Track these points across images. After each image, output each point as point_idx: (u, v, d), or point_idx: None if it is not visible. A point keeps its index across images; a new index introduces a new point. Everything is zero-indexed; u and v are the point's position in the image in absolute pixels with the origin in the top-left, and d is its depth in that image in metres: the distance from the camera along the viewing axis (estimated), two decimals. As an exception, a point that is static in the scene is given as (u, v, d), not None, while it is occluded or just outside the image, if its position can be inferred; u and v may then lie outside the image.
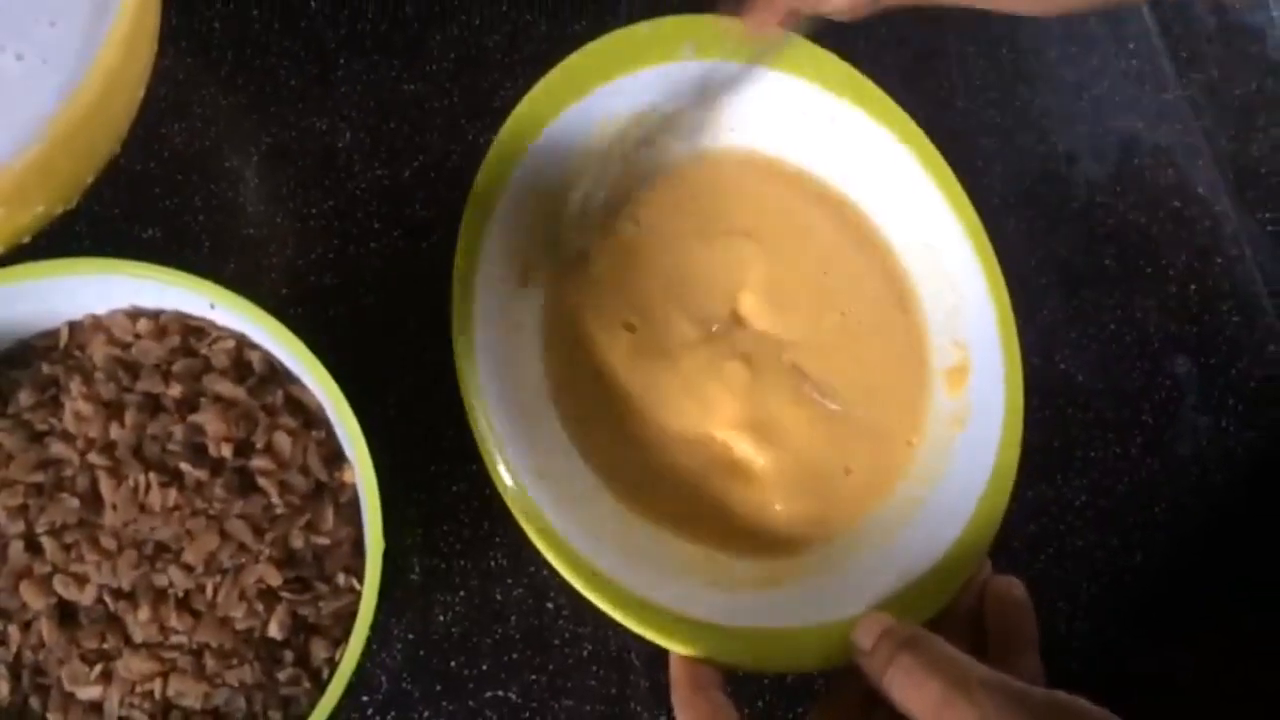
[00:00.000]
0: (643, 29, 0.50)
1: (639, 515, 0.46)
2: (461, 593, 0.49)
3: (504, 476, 0.42)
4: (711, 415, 0.49)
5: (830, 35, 0.53)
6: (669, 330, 0.50)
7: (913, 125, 0.53)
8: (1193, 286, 0.59)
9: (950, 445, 0.50)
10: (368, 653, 0.39)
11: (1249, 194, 0.62)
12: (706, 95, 0.51)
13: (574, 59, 0.49)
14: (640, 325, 0.49)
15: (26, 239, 0.41)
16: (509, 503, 0.42)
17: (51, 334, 0.43)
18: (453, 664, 0.48)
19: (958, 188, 0.52)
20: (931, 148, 0.52)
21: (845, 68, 0.53)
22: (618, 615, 0.41)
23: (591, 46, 0.49)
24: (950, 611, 0.44)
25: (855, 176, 0.53)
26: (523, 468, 0.43)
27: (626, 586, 0.42)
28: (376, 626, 0.38)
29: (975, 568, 0.46)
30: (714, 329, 0.50)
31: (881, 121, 0.52)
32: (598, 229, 0.50)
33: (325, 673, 0.40)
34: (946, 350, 0.52)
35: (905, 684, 0.37)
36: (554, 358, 0.48)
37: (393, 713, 0.47)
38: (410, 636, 0.48)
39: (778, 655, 0.43)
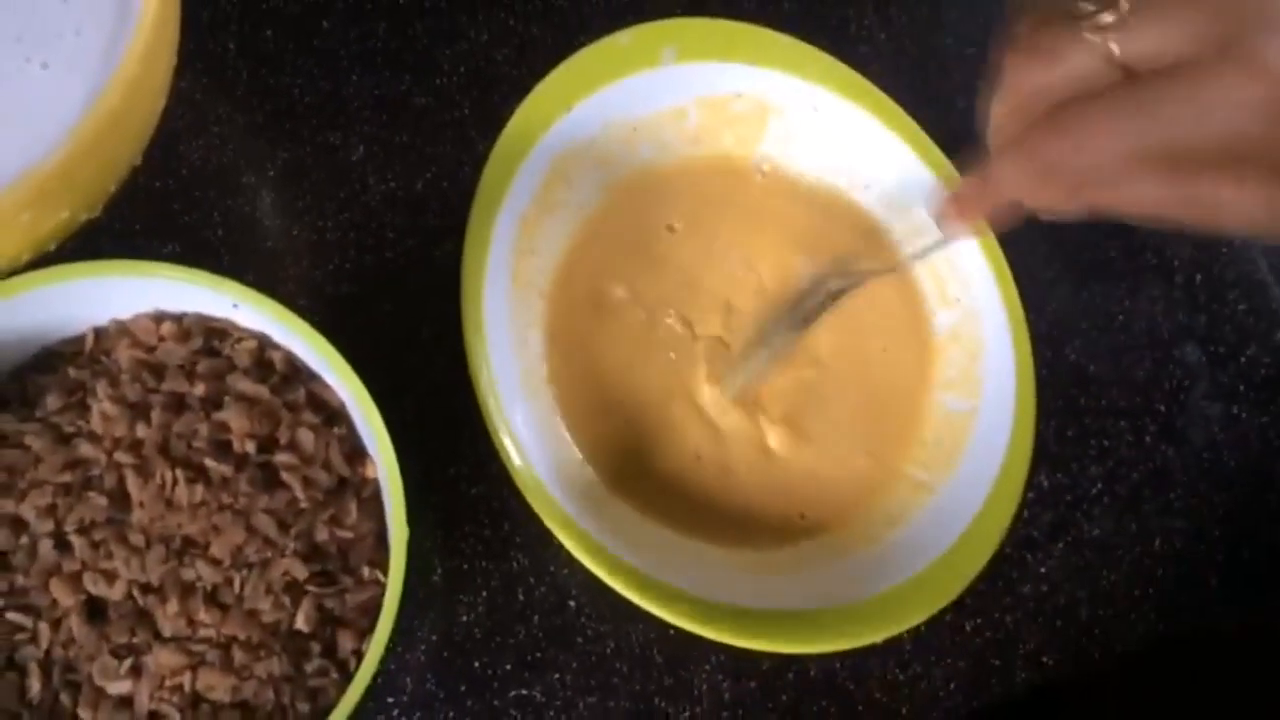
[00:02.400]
0: (623, 38, 0.51)
1: (634, 509, 0.48)
2: (483, 593, 0.49)
3: (518, 467, 0.43)
4: (707, 413, 0.50)
5: (829, 37, 0.54)
6: (669, 329, 0.51)
7: (907, 118, 0.54)
8: (1199, 276, 0.60)
9: (961, 434, 0.50)
10: (392, 652, 0.39)
11: (1250, 184, 0.63)
12: None
13: (558, 73, 0.50)
14: (643, 323, 0.51)
15: (52, 246, 0.42)
16: (527, 497, 0.43)
17: (77, 340, 0.43)
18: (477, 664, 0.48)
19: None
20: (927, 139, 0.53)
21: (832, 60, 0.54)
22: (629, 593, 0.43)
23: (574, 59, 0.51)
24: None
25: (850, 170, 0.54)
26: (538, 462, 0.45)
27: (640, 569, 0.43)
28: (400, 624, 0.39)
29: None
30: (717, 327, 0.52)
31: (872, 112, 0.53)
32: None
33: (352, 664, 0.40)
34: (955, 342, 0.52)
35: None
36: (557, 357, 0.49)
37: (418, 714, 0.47)
38: (434, 638, 0.48)
39: (792, 637, 0.43)
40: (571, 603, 0.50)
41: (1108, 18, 0.32)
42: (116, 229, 0.49)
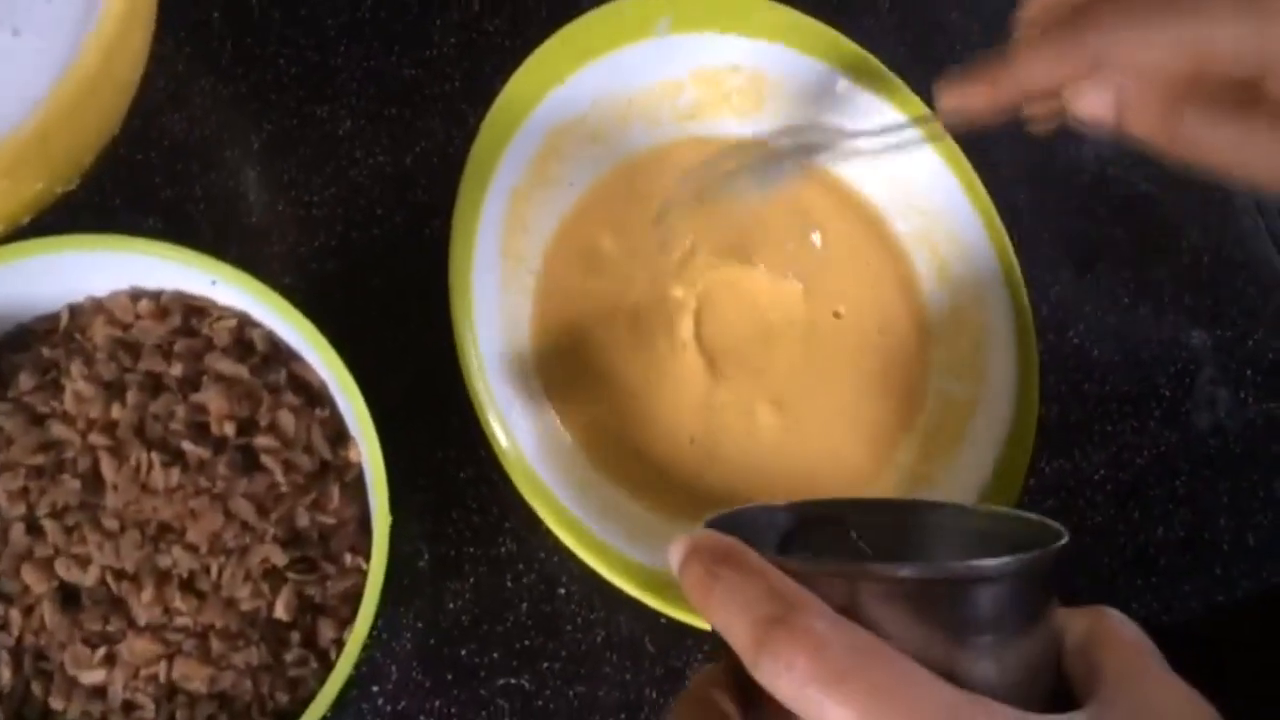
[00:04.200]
0: (617, 8, 0.50)
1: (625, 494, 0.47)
2: (471, 580, 0.48)
3: (505, 449, 0.42)
4: (694, 394, 0.49)
5: (831, 10, 0.53)
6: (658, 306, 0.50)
7: (912, 96, 0.52)
8: (1206, 258, 0.59)
9: (961, 421, 0.49)
10: (377, 640, 0.38)
11: (1260, 164, 0.62)
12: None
13: (551, 43, 0.49)
14: (632, 301, 0.50)
15: (26, 220, 0.41)
16: (514, 480, 0.42)
17: (51, 317, 0.42)
18: (463, 652, 0.47)
19: (962, 158, 0.52)
20: (931, 114, 0.52)
21: (832, 33, 0.53)
22: (619, 580, 0.42)
23: (567, 29, 0.49)
24: None
25: (850, 144, 0.53)
26: (527, 445, 0.44)
27: (630, 556, 0.42)
28: (384, 613, 0.38)
29: None
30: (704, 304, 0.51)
31: (880, 93, 0.52)
32: None
33: (333, 653, 0.39)
34: (956, 326, 0.51)
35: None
36: (547, 337, 0.48)
37: (403, 703, 0.46)
38: (419, 625, 0.47)
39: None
40: (561, 590, 0.48)
41: None
42: (95, 203, 0.48)
